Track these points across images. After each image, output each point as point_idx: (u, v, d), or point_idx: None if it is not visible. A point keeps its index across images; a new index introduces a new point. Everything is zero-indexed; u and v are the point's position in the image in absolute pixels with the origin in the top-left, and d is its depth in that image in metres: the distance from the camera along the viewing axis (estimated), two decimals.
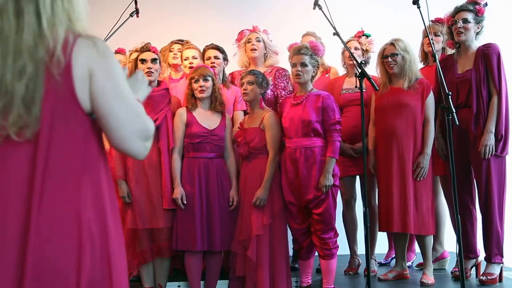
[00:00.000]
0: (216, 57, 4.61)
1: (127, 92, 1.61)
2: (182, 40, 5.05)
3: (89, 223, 1.54)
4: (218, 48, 4.66)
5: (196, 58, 4.75)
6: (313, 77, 4.17)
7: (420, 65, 4.74)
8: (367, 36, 4.79)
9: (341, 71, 4.99)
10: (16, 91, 1.49)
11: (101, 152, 1.65)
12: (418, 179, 4.20)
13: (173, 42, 5.05)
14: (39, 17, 1.52)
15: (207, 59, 4.63)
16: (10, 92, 1.49)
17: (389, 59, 4.32)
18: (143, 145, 1.62)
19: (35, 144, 1.51)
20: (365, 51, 4.76)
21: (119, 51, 4.78)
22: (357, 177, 4.75)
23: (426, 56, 4.80)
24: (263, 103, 4.27)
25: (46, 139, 1.51)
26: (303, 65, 4.08)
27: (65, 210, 1.51)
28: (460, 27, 4.27)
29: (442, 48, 4.72)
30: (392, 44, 4.34)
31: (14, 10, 1.52)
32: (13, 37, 1.51)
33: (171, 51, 5.00)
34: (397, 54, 4.30)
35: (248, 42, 4.69)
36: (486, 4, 4.32)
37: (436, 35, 4.65)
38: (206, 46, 4.72)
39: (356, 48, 4.70)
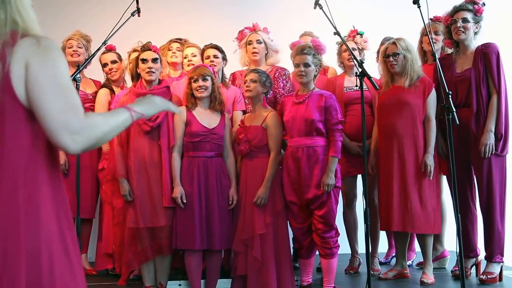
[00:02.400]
0: (215, 56, 4.62)
1: (64, 85, 1.60)
2: (180, 39, 5.07)
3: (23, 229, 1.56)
4: (217, 48, 4.67)
5: (195, 55, 4.77)
6: (315, 76, 4.18)
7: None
8: (361, 35, 4.79)
9: (338, 71, 5.00)
10: None
11: (44, 151, 1.64)
12: (430, 178, 4.20)
13: (171, 41, 5.07)
14: None
15: (206, 58, 4.63)
16: None
17: (391, 58, 4.33)
18: (70, 138, 1.58)
19: None
20: (361, 50, 4.77)
21: (110, 48, 4.78)
22: (359, 176, 4.76)
23: (424, 54, 4.81)
24: (265, 102, 4.28)
25: None
26: (306, 65, 4.09)
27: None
28: (459, 27, 4.28)
29: (442, 46, 4.72)
30: (394, 43, 4.35)
31: None
32: None
33: (169, 50, 5.02)
34: (398, 54, 4.30)
35: (249, 44, 4.69)
36: (484, 3, 4.33)
37: (436, 34, 4.66)
38: (206, 45, 4.73)
39: (353, 49, 4.70)
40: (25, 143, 1.59)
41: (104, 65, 4.87)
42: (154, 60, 4.19)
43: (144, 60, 4.17)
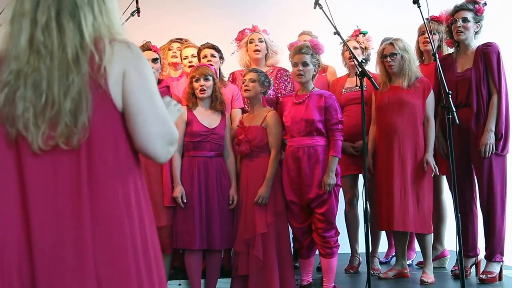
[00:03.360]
0: (212, 56, 4.61)
1: (157, 95, 1.65)
2: (181, 39, 5.06)
3: (134, 226, 1.61)
4: (214, 47, 4.66)
5: (195, 56, 4.77)
6: (314, 76, 4.18)
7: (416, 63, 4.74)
8: (364, 34, 4.80)
9: (343, 71, 5.00)
10: (63, 103, 1.54)
11: (135, 155, 1.68)
12: (437, 173, 4.22)
13: (172, 41, 5.07)
14: (82, 33, 1.58)
15: (203, 58, 4.63)
16: (58, 104, 1.54)
17: (388, 59, 4.33)
18: (166, 148, 1.65)
19: (79, 151, 1.56)
20: (364, 49, 4.77)
21: None
22: (360, 175, 4.76)
23: (422, 54, 4.81)
24: (265, 102, 4.28)
25: (88, 146, 1.57)
26: (305, 64, 4.09)
27: (113, 216, 1.58)
28: (459, 26, 4.28)
29: (438, 46, 4.71)
30: (391, 44, 4.35)
31: (56, 27, 1.58)
32: (57, 52, 1.56)
33: (170, 50, 5.01)
34: (396, 54, 4.31)
35: (251, 43, 4.69)
36: (485, 3, 4.33)
37: (431, 33, 4.65)
38: (202, 45, 4.72)
39: (355, 48, 4.71)
40: (123, 146, 1.63)
41: None
42: (154, 60, 4.19)
43: None
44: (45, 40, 1.57)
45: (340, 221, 4.32)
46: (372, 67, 4.64)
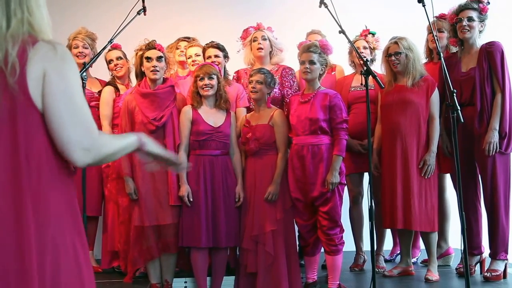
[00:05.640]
0: (216, 56, 4.61)
1: (78, 98, 1.61)
2: (188, 38, 5.07)
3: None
4: (218, 47, 4.65)
5: (199, 55, 4.77)
6: (321, 75, 4.19)
7: (424, 61, 4.74)
8: (373, 34, 4.82)
9: (349, 70, 5.01)
10: None
11: (56, 151, 1.65)
12: (426, 177, 4.22)
13: (179, 40, 5.08)
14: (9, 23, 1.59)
15: (207, 58, 4.62)
16: None
17: (393, 58, 4.35)
18: (81, 153, 1.61)
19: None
20: (372, 49, 4.79)
21: (115, 47, 4.78)
22: (366, 174, 4.77)
23: (431, 52, 4.81)
24: (269, 102, 4.30)
25: (10, 138, 1.56)
26: (312, 62, 4.11)
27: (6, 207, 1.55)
28: (465, 25, 4.28)
29: (446, 44, 4.72)
30: (395, 42, 4.36)
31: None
32: None
33: (177, 48, 5.03)
34: (400, 53, 4.32)
35: (254, 41, 4.70)
36: (488, 2, 4.34)
37: (440, 31, 4.66)
38: (206, 44, 4.71)
39: (364, 48, 4.73)
40: (41, 146, 1.60)
41: (109, 62, 4.85)
42: (159, 59, 4.20)
43: (148, 59, 4.18)
44: None
45: (345, 219, 4.32)
46: (378, 67, 4.65)
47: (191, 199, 4.08)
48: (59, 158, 1.64)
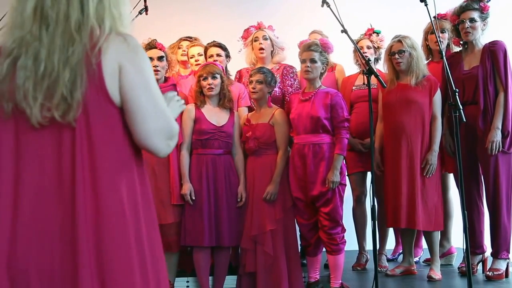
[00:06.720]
0: (218, 55, 4.61)
1: (155, 89, 1.63)
2: (190, 37, 5.07)
3: (129, 216, 1.59)
4: (220, 46, 4.66)
5: (202, 55, 4.77)
6: (321, 74, 4.19)
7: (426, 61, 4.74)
8: (378, 33, 4.81)
9: (351, 69, 5.00)
10: (62, 72, 1.53)
11: (133, 147, 1.65)
12: (427, 176, 4.22)
13: (181, 39, 5.08)
14: (83, 10, 1.58)
15: (209, 57, 4.62)
16: (56, 72, 1.53)
17: (396, 56, 4.34)
18: (165, 143, 1.63)
19: (74, 129, 1.55)
20: (377, 49, 4.78)
21: None
22: (368, 173, 4.77)
23: (430, 52, 4.81)
24: (270, 101, 4.30)
25: (84, 127, 1.55)
26: (313, 61, 4.10)
27: (110, 202, 1.55)
28: (467, 27, 4.27)
29: (448, 44, 4.72)
30: (399, 41, 4.36)
31: None
32: (62, 20, 1.56)
33: (179, 48, 5.03)
34: (404, 51, 4.31)
35: (255, 41, 4.69)
36: (489, 0, 4.33)
37: (442, 31, 4.65)
38: (208, 44, 4.71)
39: (368, 47, 4.73)
40: (121, 142, 1.61)
41: None
42: (160, 58, 4.20)
43: (149, 58, 4.17)
44: (53, 5, 1.57)
45: (347, 218, 4.32)
46: (381, 66, 4.65)
47: (193, 198, 4.08)
48: (134, 151, 1.65)
